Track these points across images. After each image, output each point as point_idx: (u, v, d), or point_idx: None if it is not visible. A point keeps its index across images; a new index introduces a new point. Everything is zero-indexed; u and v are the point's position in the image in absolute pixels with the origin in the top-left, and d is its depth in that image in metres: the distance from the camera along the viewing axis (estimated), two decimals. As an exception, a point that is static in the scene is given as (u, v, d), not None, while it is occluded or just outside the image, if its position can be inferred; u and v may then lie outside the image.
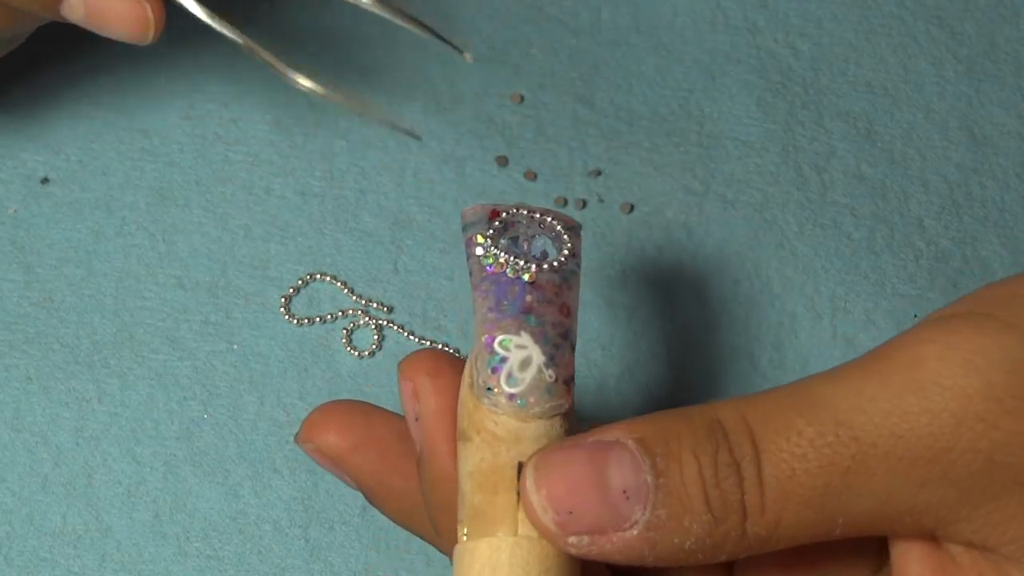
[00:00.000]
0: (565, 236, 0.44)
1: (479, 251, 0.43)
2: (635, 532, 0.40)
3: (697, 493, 0.40)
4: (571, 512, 0.40)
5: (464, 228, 0.44)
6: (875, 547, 0.44)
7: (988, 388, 0.39)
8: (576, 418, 0.43)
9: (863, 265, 0.57)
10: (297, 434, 0.46)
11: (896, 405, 0.40)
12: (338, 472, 0.46)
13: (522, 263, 0.43)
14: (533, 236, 0.44)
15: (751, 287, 0.57)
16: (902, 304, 0.56)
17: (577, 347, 0.55)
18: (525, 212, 0.44)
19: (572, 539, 0.40)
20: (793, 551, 0.42)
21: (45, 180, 0.58)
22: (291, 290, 0.56)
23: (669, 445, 0.40)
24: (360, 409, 0.46)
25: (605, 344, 0.56)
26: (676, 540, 0.40)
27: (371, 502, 0.46)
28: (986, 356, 0.40)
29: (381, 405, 0.49)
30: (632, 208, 0.58)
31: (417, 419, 0.43)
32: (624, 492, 0.40)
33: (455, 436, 0.42)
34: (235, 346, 0.55)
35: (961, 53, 0.61)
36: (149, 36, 0.51)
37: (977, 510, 0.40)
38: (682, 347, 0.56)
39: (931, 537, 0.42)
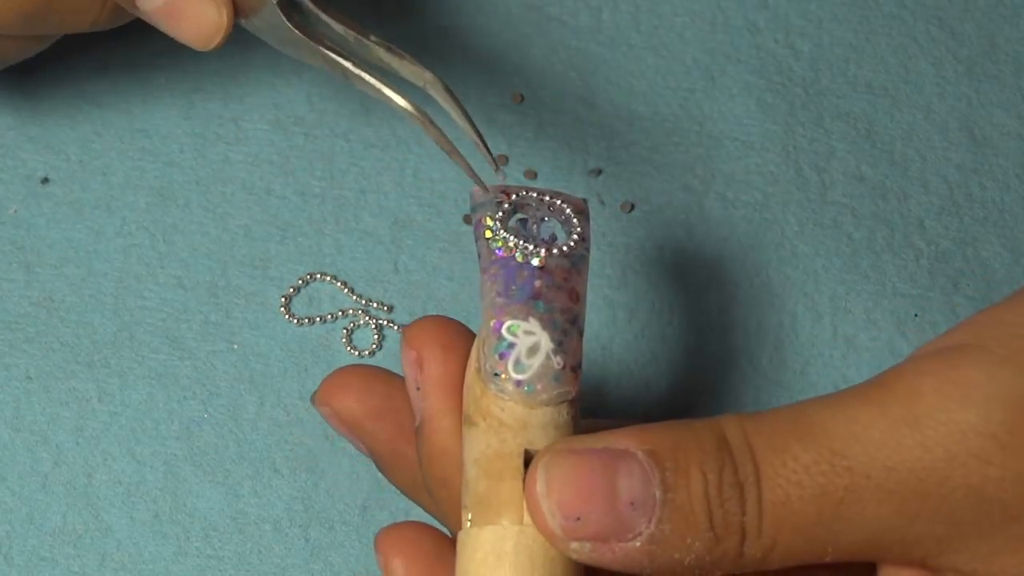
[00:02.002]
0: (575, 220, 0.44)
1: (488, 234, 0.43)
2: (637, 544, 0.40)
3: (702, 511, 0.40)
4: (578, 519, 0.40)
5: (473, 209, 0.43)
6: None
7: (984, 424, 0.39)
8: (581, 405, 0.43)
9: (863, 265, 0.57)
10: (314, 395, 0.46)
11: (891, 436, 0.40)
12: (352, 437, 0.45)
13: (531, 247, 0.42)
14: (543, 218, 0.44)
15: (751, 287, 0.57)
16: (903, 304, 0.56)
17: (577, 346, 0.56)
18: (535, 194, 0.44)
19: (575, 544, 0.40)
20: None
21: (45, 180, 0.58)
22: (291, 290, 0.56)
23: (678, 459, 0.40)
24: (380, 376, 0.45)
25: (605, 344, 0.56)
26: (676, 555, 0.40)
27: (381, 471, 0.46)
28: (983, 391, 0.40)
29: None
30: (632, 208, 0.58)
31: (419, 388, 0.43)
32: (631, 503, 0.40)
33: (456, 409, 0.42)
34: (235, 346, 0.55)
35: (961, 53, 0.61)
36: (214, 43, 0.49)
37: (966, 543, 0.40)
38: (682, 347, 0.56)
39: (920, 565, 0.42)
